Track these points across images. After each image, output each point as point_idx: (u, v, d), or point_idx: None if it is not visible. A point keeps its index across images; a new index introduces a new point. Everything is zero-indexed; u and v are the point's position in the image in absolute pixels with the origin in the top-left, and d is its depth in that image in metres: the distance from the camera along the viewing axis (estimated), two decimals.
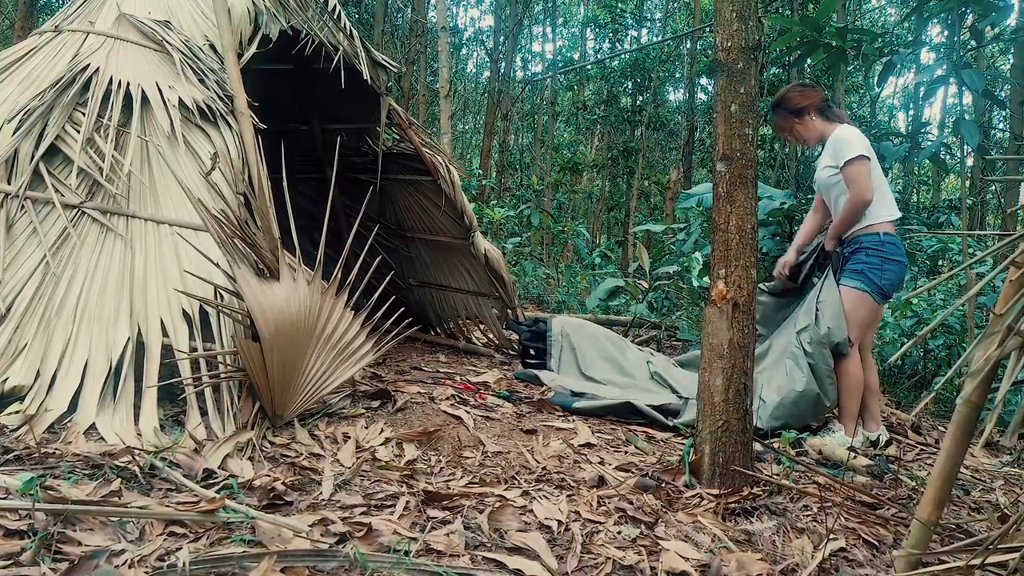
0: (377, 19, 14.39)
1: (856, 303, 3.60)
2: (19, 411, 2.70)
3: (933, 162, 5.44)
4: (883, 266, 3.58)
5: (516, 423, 3.54)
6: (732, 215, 2.80)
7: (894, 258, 3.60)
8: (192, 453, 2.62)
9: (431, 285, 5.91)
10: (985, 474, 3.54)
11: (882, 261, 3.58)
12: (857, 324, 3.61)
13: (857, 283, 3.60)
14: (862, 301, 3.59)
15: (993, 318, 1.74)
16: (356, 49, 4.61)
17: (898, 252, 3.63)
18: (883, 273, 3.57)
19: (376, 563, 1.92)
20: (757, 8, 2.89)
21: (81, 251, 3.20)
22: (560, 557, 2.13)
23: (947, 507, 2.60)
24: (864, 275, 3.59)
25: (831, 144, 3.73)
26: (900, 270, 3.64)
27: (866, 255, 3.61)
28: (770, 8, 11.92)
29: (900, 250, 3.65)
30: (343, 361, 3.34)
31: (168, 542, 1.98)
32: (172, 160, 3.45)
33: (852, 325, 3.60)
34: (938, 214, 10.27)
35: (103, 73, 3.59)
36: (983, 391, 1.84)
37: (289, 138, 4.52)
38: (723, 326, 2.78)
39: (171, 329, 3.07)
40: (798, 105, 3.86)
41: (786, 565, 2.21)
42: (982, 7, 4.60)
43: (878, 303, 3.62)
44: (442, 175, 5.11)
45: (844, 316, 3.60)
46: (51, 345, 2.94)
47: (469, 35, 23.38)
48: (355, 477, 2.64)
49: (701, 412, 2.84)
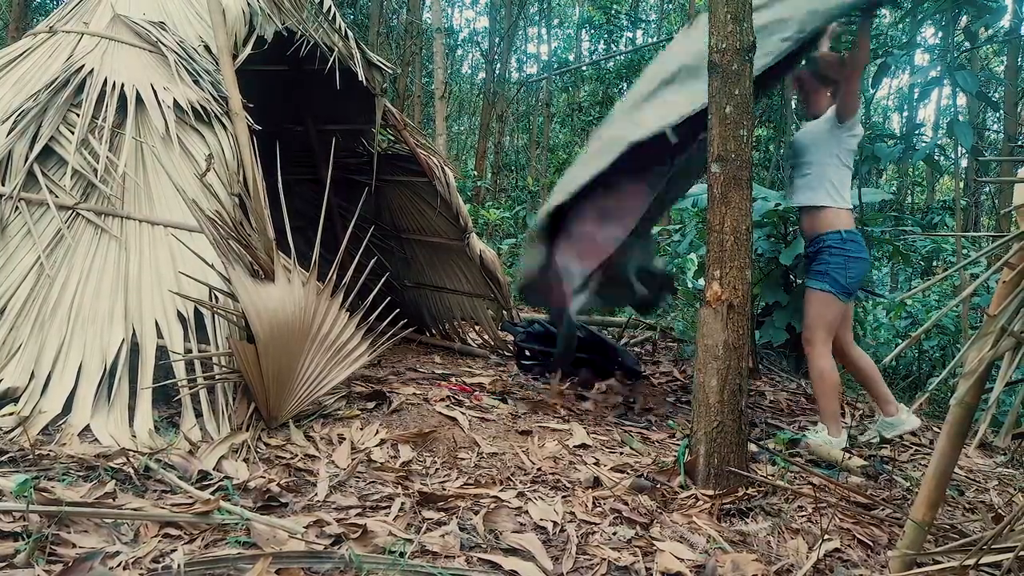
0: (372, 20, 14.39)
1: (823, 305, 3.60)
2: (13, 413, 2.70)
3: (927, 163, 5.46)
4: (847, 265, 3.58)
5: (511, 424, 3.55)
6: (727, 216, 2.81)
7: (857, 255, 3.61)
8: (187, 455, 2.62)
9: (426, 286, 5.90)
10: (979, 474, 3.55)
11: (846, 260, 3.58)
12: (824, 327, 3.60)
13: (823, 284, 3.60)
14: (828, 303, 3.59)
15: (987, 319, 1.75)
16: (351, 50, 4.61)
17: (861, 249, 3.64)
18: (847, 272, 3.58)
19: (371, 564, 1.92)
20: (751, 10, 2.90)
21: (75, 252, 3.20)
22: (555, 558, 2.13)
23: (941, 507, 2.61)
24: (829, 275, 3.58)
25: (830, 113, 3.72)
26: (863, 267, 3.65)
27: (830, 255, 3.61)
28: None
29: (862, 247, 3.66)
30: (338, 363, 3.34)
31: (163, 544, 1.97)
32: (167, 161, 3.45)
33: (819, 327, 3.59)
34: (932, 215, 10.30)
35: (97, 74, 3.58)
36: (977, 392, 1.85)
37: (284, 139, 4.51)
38: (718, 327, 2.79)
39: (166, 331, 3.06)
40: (828, 76, 3.79)
41: (781, 566, 2.21)
42: (976, 9, 4.62)
43: (844, 303, 3.62)
44: (437, 176, 5.11)
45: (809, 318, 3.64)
46: (45, 347, 2.94)
47: (464, 36, 23.39)
48: (350, 478, 2.64)
49: (696, 413, 2.84)
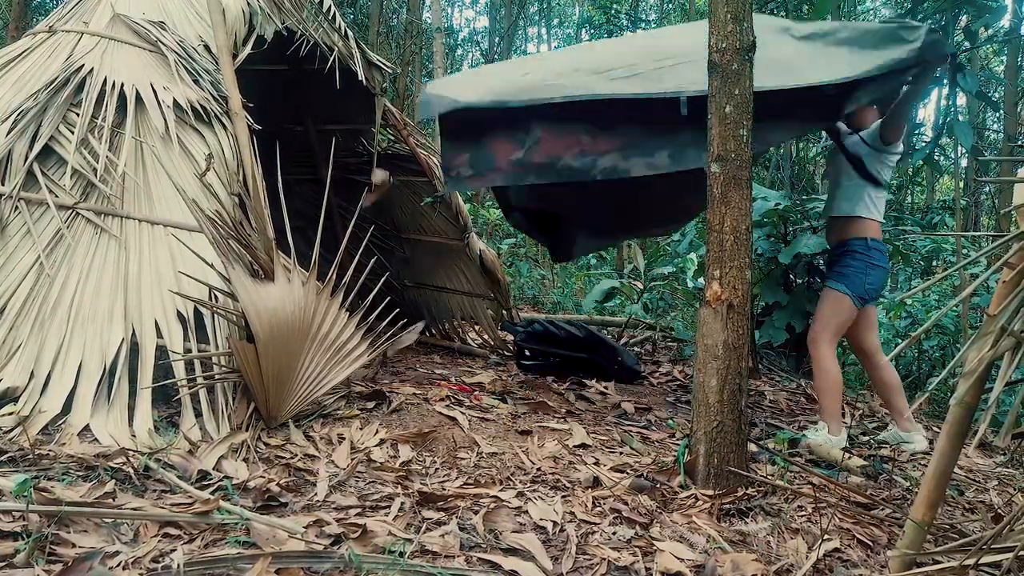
0: (372, 20, 14.38)
1: (836, 305, 3.69)
2: (13, 412, 2.70)
3: (927, 163, 5.44)
4: (867, 271, 3.68)
5: (511, 424, 3.54)
6: (727, 216, 2.80)
7: (879, 264, 3.71)
8: (187, 454, 2.62)
9: (426, 286, 5.90)
10: (979, 474, 3.55)
11: (867, 266, 3.68)
12: (834, 327, 3.69)
13: (840, 286, 3.69)
14: (842, 305, 3.69)
15: (987, 319, 1.75)
16: (351, 50, 4.61)
17: (883, 258, 3.75)
18: (866, 278, 3.68)
19: (371, 564, 1.92)
20: (751, 10, 2.90)
21: (75, 252, 3.20)
22: (555, 558, 2.13)
23: (941, 507, 2.61)
24: (848, 278, 3.68)
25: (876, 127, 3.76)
26: (883, 276, 3.75)
27: (852, 259, 3.70)
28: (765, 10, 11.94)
29: (885, 257, 3.78)
30: (338, 362, 3.34)
31: (162, 543, 1.97)
32: (166, 161, 3.45)
33: (829, 327, 3.68)
34: (932, 215, 10.29)
35: (97, 74, 3.58)
36: (977, 392, 1.84)
37: (284, 139, 4.50)
38: (718, 327, 2.79)
39: (165, 330, 3.06)
40: None
41: (781, 565, 2.21)
42: (976, 9, 4.61)
43: (857, 307, 3.69)
44: (437, 176, 5.11)
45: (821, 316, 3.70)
46: (45, 346, 2.93)
47: (464, 36, 23.39)
48: (350, 478, 2.64)
49: (696, 413, 2.84)
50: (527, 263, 11.14)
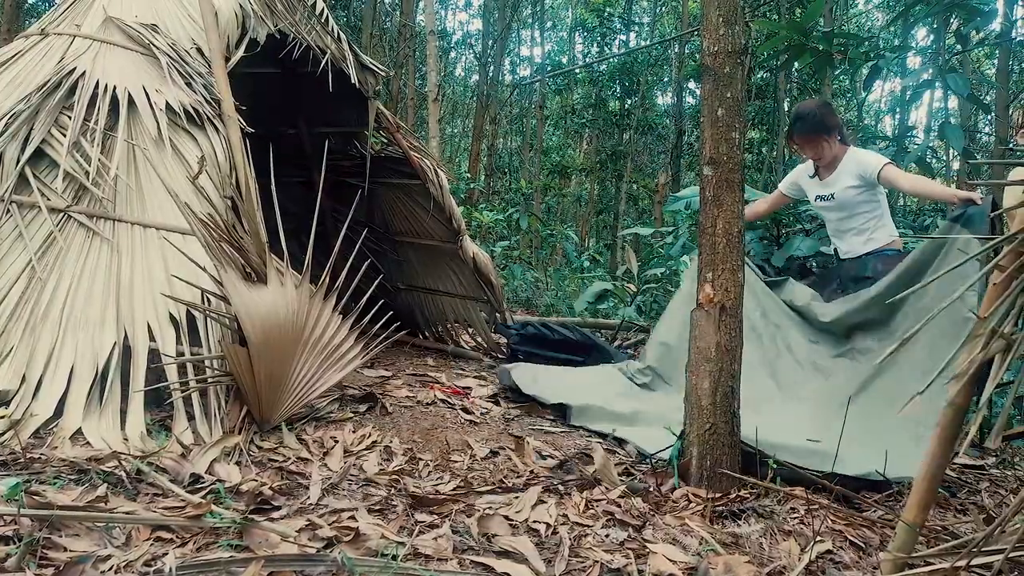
0: (365, 22, 14.39)
1: None
2: (4, 416, 2.68)
3: (919, 166, 5.48)
4: None
5: (504, 427, 3.55)
6: (719, 218, 2.81)
7: None
8: (179, 458, 2.61)
9: (419, 289, 5.90)
10: (970, 476, 3.56)
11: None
12: None
13: None
14: None
15: (977, 321, 1.76)
16: (344, 52, 4.60)
17: None
18: None
19: (364, 567, 1.92)
20: (744, 13, 2.91)
21: (67, 255, 3.18)
22: (548, 560, 2.13)
23: (933, 509, 2.62)
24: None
25: (854, 165, 3.95)
26: None
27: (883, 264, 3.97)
28: (757, 12, 12.00)
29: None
30: (331, 365, 3.33)
31: (155, 547, 1.97)
32: (159, 164, 3.44)
33: None
34: (924, 217, 10.33)
35: (89, 76, 3.57)
36: (968, 393, 1.85)
37: (276, 142, 4.50)
38: (710, 329, 2.79)
39: (158, 333, 3.05)
40: (830, 123, 4.03)
41: (773, 567, 2.21)
42: (967, 12, 4.64)
43: None
44: (431, 179, 5.11)
45: None
46: (37, 350, 2.92)
47: (458, 39, 23.42)
48: (343, 481, 2.63)
49: (688, 415, 2.85)
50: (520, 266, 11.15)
